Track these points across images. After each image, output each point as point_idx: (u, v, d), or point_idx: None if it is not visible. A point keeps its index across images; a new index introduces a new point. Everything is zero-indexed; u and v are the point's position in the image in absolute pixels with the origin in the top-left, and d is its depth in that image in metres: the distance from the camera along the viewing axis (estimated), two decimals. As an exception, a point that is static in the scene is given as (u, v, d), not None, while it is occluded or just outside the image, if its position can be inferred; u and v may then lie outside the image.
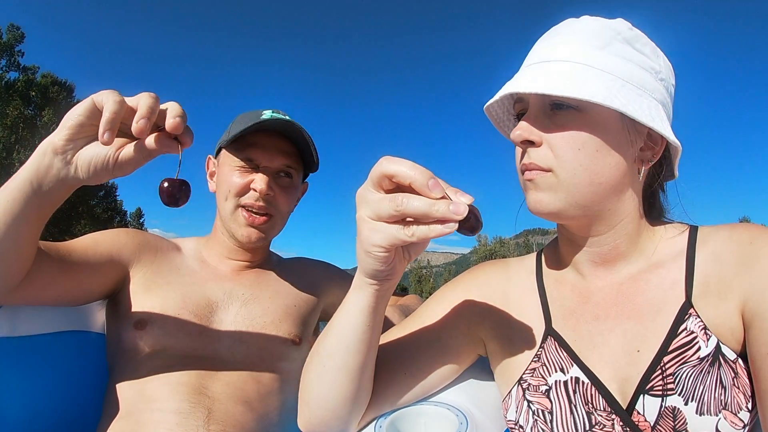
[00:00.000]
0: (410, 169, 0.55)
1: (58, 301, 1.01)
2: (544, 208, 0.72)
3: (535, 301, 0.84)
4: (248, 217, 1.12)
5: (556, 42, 0.75)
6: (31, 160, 0.75)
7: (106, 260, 1.04)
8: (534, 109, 0.73)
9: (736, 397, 0.64)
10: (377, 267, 0.63)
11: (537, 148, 0.72)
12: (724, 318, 0.68)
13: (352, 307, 0.72)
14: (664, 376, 0.67)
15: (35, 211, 0.79)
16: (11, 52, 32.67)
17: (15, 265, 0.84)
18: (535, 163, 0.71)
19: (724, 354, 0.66)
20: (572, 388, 0.73)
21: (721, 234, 0.73)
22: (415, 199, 0.55)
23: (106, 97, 0.69)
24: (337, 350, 0.74)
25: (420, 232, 0.56)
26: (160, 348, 1.02)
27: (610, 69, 0.70)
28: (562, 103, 0.70)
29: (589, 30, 0.73)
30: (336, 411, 0.76)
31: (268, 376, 1.07)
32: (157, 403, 0.95)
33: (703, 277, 0.71)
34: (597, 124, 0.70)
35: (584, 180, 0.70)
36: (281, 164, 1.15)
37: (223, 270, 1.19)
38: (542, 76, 0.70)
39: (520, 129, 0.72)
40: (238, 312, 1.11)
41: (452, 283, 0.93)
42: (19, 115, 31.76)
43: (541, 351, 0.79)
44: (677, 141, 0.71)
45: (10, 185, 0.77)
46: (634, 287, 0.75)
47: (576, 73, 0.69)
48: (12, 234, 0.78)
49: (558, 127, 0.70)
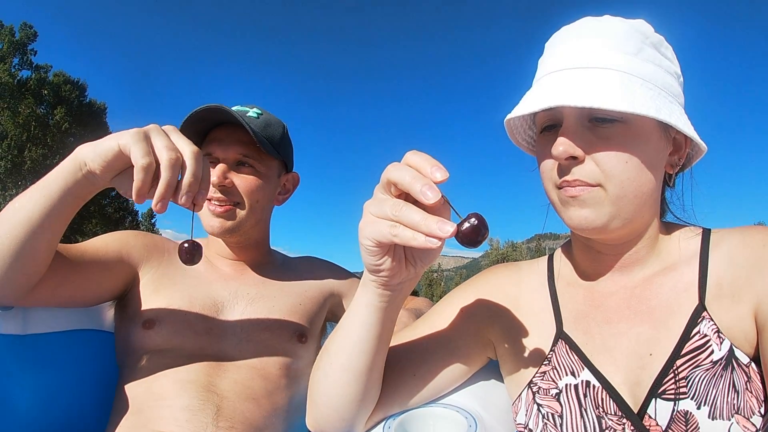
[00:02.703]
0: (408, 178, 0.56)
1: (68, 303, 1.02)
2: (590, 224, 0.69)
3: (547, 305, 0.83)
4: (210, 209, 1.12)
5: (587, 45, 0.71)
6: (65, 172, 0.78)
7: (116, 261, 1.06)
8: (573, 121, 0.69)
9: (749, 401, 0.63)
10: (369, 260, 0.64)
11: (581, 164, 0.69)
12: (738, 321, 0.67)
13: (356, 305, 0.72)
14: (677, 379, 0.66)
15: (64, 214, 0.82)
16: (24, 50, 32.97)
17: (34, 269, 0.86)
18: (581, 180, 0.69)
19: (737, 358, 0.65)
20: (583, 392, 0.73)
21: (734, 237, 0.73)
22: (413, 212, 0.56)
23: (135, 155, 0.71)
24: (342, 349, 0.74)
25: (403, 234, 0.56)
26: (168, 347, 1.03)
27: (648, 77, 0.69)
28: (605, 117, 0.68)
29: (620, 33, 0.70)
30: (341, 411, 0.76)
31: (275, 373, 1.08)
32: (167, 400, 0.97)
33: (717, 280, 0.70)
34: (641, 136, 0.68)
35: (631, 193, 0.68)
36: (236, 153, 1.13)
37: (228, 270, 1.20)
38: (586, 87, 0.66)
39: (562, 145, 0.68)
40: (244, 311, 1.12)
41: (463, 286, 0.93)
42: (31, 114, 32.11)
43: (552, 354, 0.78)
44: (704, 143, 0.71)
45: (39, 193, 0.80)
46: (648, 291, 0.75)
47: (623, 84, 0.67)
48: (38, 238, 0.82)
49: (603, 141, 0.68)
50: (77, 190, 0.80)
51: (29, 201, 0.80)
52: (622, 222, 0.70)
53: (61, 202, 0.80)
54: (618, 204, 0.68)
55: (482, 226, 0.54)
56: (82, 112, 35.01)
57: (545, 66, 0.75)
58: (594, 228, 0.69)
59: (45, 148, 32.18)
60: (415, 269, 0.66)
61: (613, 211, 0.68)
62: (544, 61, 0.76)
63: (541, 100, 0.67)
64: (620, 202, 0.68)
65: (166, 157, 0.71)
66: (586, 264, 0.82)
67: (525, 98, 0.73)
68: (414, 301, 1.47)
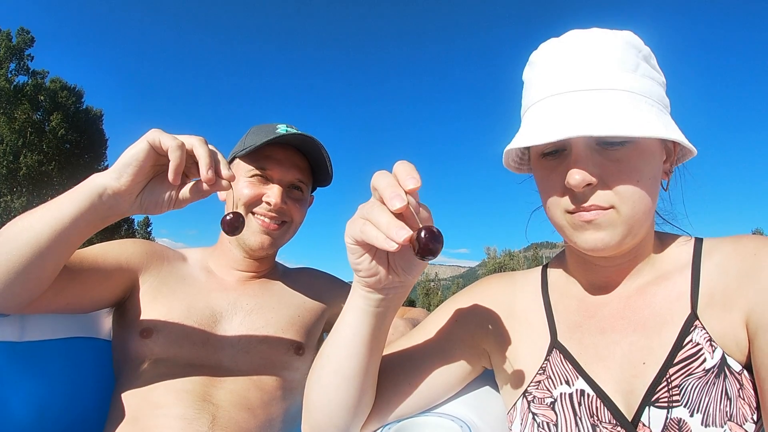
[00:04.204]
0: (383, 185, 0.60)
1: (66, 309, 1.02)
2: (606, 245, 0.69)
3: (541, 315, 0.84)
4: (262, 223, 1.14)
5: (588, 64, 0.69)
6: (80, 197, 0.80)
7: (114, 268, 1.05)
8: (583, 149, 0.69)
9: (742, 408, 0.64)
10: (350, 258, 0.66)
11: (593, 188, 0.69)
12: (729, 329, 0.67)
13: (347, 309, 0.73)
14: (670, 387, 0.67)
15: (74, 239, 0.84)
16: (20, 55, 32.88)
17: (37, 286, 0.87)
18: (597, 204, 0.68)
19: (729, 365, 0.66)
20: (577, 401, 0.73)
21: (726, 246, 0.73)
22: (381, 214, 0.59)
23: (166, 142, 0.79)
24: (333, 353, 0.75)
25: (369, 232, 0.59)
26: (164, 356, 1.03)
27: (648, 93, 0.69)
28: (614, 140, 0.68)
29: (618, 49, 0.69)
30: (333, 417, 0.76)
31: (271, 384, 1.08)
32: (163, 409, 0.96)
33: (709, 289, 0.71)
34: (647, 154, 0.69)
35: (642, 210, 0.69)
36: (294, 178, 1.18)
37: (228, 280, 1.20)
38: (597, 113, 0.65)
39: (579, 174, 0.67)
40: (241, 322, 1.12)
41: (458, 295, 0.93)
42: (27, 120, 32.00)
43: (547, 363, 0.79)
44: (693, 147, 0.72)
45: (50, 214, 0.81)
46: (641, 300, 0.75)
47: (632, 106, 0.67)
48: (45, 259, 0.83)
49: (614, 164, 0.68)
50: (91, 215, 0.81)
51: (39, 222, 0.81)
52: (635, 238, 0.71)
53: (72, 227, 0.81)
54: (630, 223, 0.69)
55: (434, 239, 0.56)
56: (79, 118, 34.86)
57: (544, 86, 0.72)
58: (609, 248, 0.70)
59: (41, 155, 32.02)
60: (399, 277, 0.67)
61: (626, 230, 0.69)
62: (538, 79, 0.74)
63: (554, 130, 0.65)
64: (633, 221, 0.69)
65: (193, 140, 0.82)
66: (580, 275, 0.83)
67: (529, 123, 0.72)
68: (411, 312, 1.48)
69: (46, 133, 32.73)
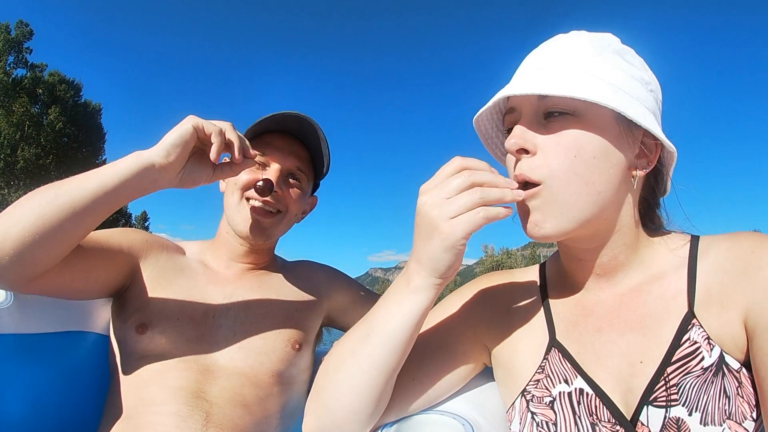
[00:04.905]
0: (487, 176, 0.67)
1: (68, 289, 0.99)
2: (539, 231, 0.70)
3: (539, 313, 0.83)
4: (253, 209, 1.13)
5: (548, 52, 0.74)
6: (129, 165, 0.87)
7: (117, 251, 1.06)
8: (528, 116, 0.71)
9: (741, 406, 0.63)
10: (456, 261, 0.68)
11: (530, 158, 0.70)
12: (727, 327, 0.67)
13: (408, 310, 0.72)
14: (668, 386, 0.67)
15: (113, 204, 0.89)
16: (19, 48, 32.74)
17: (59, 253, 0.89)
18: (523, 174, 0.69)
19: (727, 363, 0.66)
20: (576, 400, 0.73)
21: (723, 243, 0.73)
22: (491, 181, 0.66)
23: (208, 127, 0.90)
24: (378, 352, 0.73)
25: (491, 210, 0.64)
26: (159, 352, 1.02)
27: (604, 76, 0.69)
28: (557, 110, 0.69)
29: (581, 41, 0.73)
30: (359, 413, 0.75)
31: (267, 380, 1.07)
32: (156, 406, 0.96)
33: (705, 287, 0.70)
34: (594, 128, 0.68)
35: (580, 190, 0.68)
36: (293, 165, 1.17)
37: (225, 273, 1.19)
38: (536, 80, 0.69)
39: (514, 137, 0.69)
40: (237, 316, 1.11)
41: (458, 291, 0.93)
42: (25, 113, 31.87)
43: (545, 362, 0.78)
44: (672, 145, 0.70)
45: (91, 182, 0.86)
46: (637, 298, 0.75)
47: (572, 76, 0.68)
48: (83, 221, 0.87)
49: (553, 136, 0.69)
50: (135, 186, 0.88)
51: (77, 188, 0.85)
52: (578, 224, 0.70)
53: (113, 195, 0.87)
54: (566, 203, 0.68)
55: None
56: (77, 112, 34.75)
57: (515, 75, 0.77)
58: (545, 236, 0.70)
59: (38, 148, 31.93)
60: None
61: (562, 212, 0.69)
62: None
63: (495, 97, 0.71)
64: (568, 202, 0.68)
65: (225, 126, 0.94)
66: (571, 271, 0.82)
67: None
68: None
69: (44, 127, 32.61)
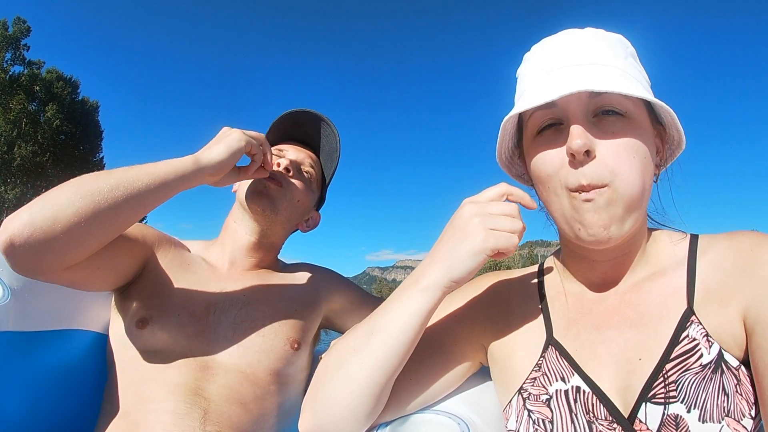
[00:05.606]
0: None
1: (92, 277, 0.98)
2: (606, 228, 0.68)
3: (537, 312, 0.84)
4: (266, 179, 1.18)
5: (585, 45, 0.72)
6: (183, 163, 0.96)
7: (135, 242, 1.08)
8: (580, 114, 0.68)
9: (739, 404, 0.63)
10: (473, 270, 0.71)
11: (590, 162, 0.67)
12: (726, 325, 0.67)
13: (414, 309, 0.72)
14: (666, 383, 0.67)
15: (165, 196, 0.95)
16: (17, 45, 32.50)
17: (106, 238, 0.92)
18: (593, 185, 0.67)
19: (726, 361, 0.65)
20: (573, 397, 0.73)
21: (722, 242, 0.73)
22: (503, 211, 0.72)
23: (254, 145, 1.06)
24: (381, 351, 0.73)
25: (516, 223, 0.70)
26: (159, 348, 1.02)
27: (636, 76, 0.71)
28: (612, 109, 0.68)
29: (607, 39, 0.73)
30: (358, 412, 0.74)
31: (265, 379, 1.07)
32: (154, 403, 0.96)
33: (705, 285, 0.71)
34: (642, 130, 0.69)
35: (637, 190, 0.68)
36: (305, 160, 1.26)
37: (226, 272, 1.20)
38: (586, 75, 0.67)
39: (579, 137, 0.66)
40: (236, 314, 1.11)
41: (456, 291, 0.92)
42: (22, 110, 31.72)
43: (542, 360, 0.78)
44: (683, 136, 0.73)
45: (146, 175, 0.92)
46: (637, 296, 0.75)
47: (621, 78, 0.68)
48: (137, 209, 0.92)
49: (610, 135, 0.67)
50: (188, 183, 0.97)
51: (138, 179, 0.90)
52: (634, 223, 0.70)
53: (170, 186, 0.94)
54: (628, 202, 0.68)
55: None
56: (75, 109, 34.61)
57: (538, 67, 0.74)
58: (610, 232, 0.68)
59: (35, 145, 31.79)
60: None
61: (623, 210, 0.68)
62: (533, 66, 0.76)
63: (549, 93, 0.65)
64: (630, 200, 0.68)
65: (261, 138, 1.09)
66: (576, 272, 0.82)
67: (522, 97, 0.73)
68: None
69: (41, 124, 32.47)
